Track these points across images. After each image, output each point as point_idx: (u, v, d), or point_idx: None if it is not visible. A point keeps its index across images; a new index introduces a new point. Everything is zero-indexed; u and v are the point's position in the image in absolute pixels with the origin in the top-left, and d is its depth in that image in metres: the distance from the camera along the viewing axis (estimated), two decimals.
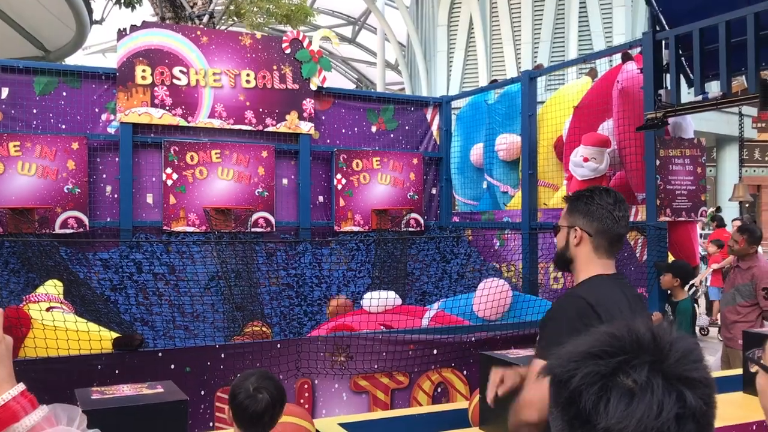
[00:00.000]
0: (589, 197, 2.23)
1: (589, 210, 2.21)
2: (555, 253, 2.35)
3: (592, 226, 2.19)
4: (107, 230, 5.79)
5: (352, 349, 4.09)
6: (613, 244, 2.22)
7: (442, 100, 7.36)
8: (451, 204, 7.30)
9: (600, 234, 2.19)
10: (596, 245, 2.20)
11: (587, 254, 2.21)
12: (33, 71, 5.68)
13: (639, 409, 0.83)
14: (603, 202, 2.20)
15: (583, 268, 2.22)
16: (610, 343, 0.92)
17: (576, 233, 2.21)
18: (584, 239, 2.20)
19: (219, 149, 6.10)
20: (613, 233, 2.20)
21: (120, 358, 3.59)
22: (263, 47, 6.37)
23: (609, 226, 2.19)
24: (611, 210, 2.19)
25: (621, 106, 5.15)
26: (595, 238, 2.19)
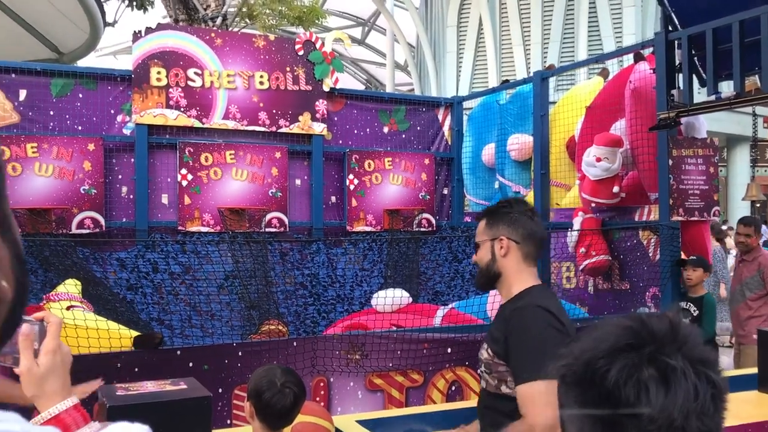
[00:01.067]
0: (506, 206, 2.25)
1: (511, 218, 2.20)
2: (479, 272, 2.29)
3: (518, 232, 2.18)
4: (123, 230, 5.85)
5: (367, 347, 4.13)
6: (539, 249, 2.24)
7: (454, 100, 7.40)
8: (462, 204, 7.33)
9: (527, 240, 2.18)
10: (525, 253, 2.18)
11: (517, 264, 2.18)
12: (50, 73, 5.75)
13: (679, 395, 0.87)
14: (521, 209, 2.23)
15: (516, 279, 2.18)
16: (635, 335, 0.95)
17: (502, 243, 2.18)
18: (512, 248, 2.18)
19: (233, 150, 6.15)
20: (538, 237, 2.21)
21: (139, 356, 3.64)
22: (276, 49, 6.42)
23: (534, 229, 2.20)
24: (530, 216, 2.21)
25: (633, 106, 5.17)
26: (523, 245, 2.18)
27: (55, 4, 10.25)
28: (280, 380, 2.29)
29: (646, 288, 5.12)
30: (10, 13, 10.16)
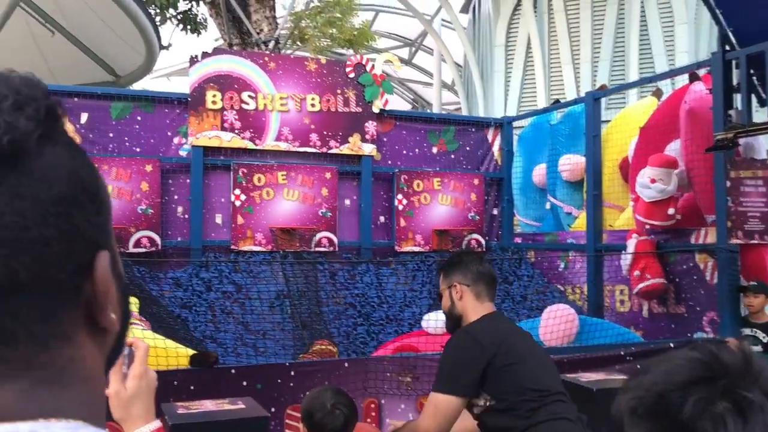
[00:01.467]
0: (456, 257, 2.66)
1: (461, 266, 2.56)
2: (446, 320, 2.65)
3: (467, 276, 2.51)
4: (178, 249, 5.99)
5: (419, 369, 4.12)
6: (489, 286, 2.55)
7: (504, 120, 7.38)
8: (512, 224, 7.27)
9: (477, 280, 2.51)
10: (477, 292, 2.51)
11: (472, 303, 2.51)
12: (110, 97, 5.95)
13: (757, 429, 0.85)
14: (468, 257, 2.60)
15: (472, 316, 2.49)
16: (707, 368, 0.93)
17: (456, 289, 2.52)
18: (465, 291, 2.51)
19: (285, 171, 6.25)
20: (486, 276, 2.53)
21: (195, 374, 3.70)
22: (328, 72, 6.52)
23: (481, 270, 2.53)
24: (479, 261, 2.57)
25: (689, 127, 5.08)
26: (474, 286, 2.51)
27: (113, 29, 10.60)
28: (330, 401, 2.33)
29: (703, 313, 5.00)
30: (71, 38, 10.56)
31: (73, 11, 10.45)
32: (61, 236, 0.57)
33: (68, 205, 0.58)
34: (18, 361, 0.55)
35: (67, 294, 0.58)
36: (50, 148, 0.58)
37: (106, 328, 0.62)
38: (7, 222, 0.54)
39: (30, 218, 0.55)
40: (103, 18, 10.27)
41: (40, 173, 0.56)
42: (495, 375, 2.37)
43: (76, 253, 0.58)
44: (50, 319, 0.57)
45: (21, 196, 0.55)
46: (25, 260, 0.55)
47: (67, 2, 10.24)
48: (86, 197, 0.60)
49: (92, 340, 0.62)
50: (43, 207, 0.56)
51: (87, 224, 0.60)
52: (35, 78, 0.61)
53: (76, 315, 0.60)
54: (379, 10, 23.61)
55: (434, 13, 22.19)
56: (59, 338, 0.58)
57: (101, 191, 0.63)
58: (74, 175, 0.59)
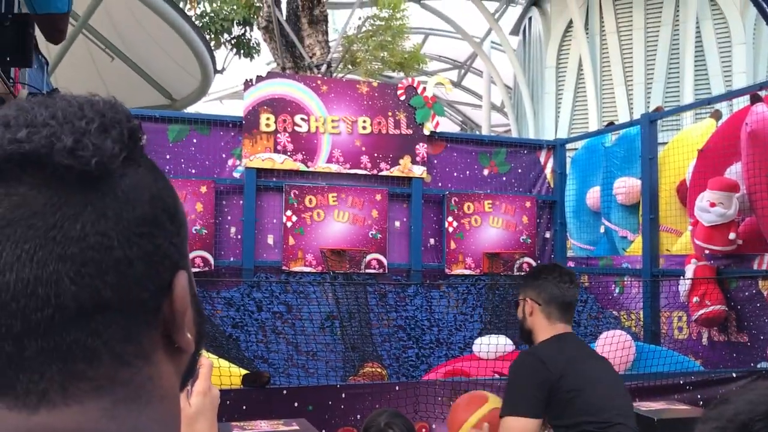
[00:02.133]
0: (535, 273, 2.69)
1: (536, 283, 2.57)
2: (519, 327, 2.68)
3: (541, 297, 2.52)
4: (230, 269, 6.07)
5: None
6: (563, 309, 2.53)
7: (557, 143, 7.30)
8: (565, 248, 7.16)
9: (550, 303, 2.51)
10: (547, 313, 2.51)
11: (540, 322, 2.52)
12: (167, 120, 6.11)
13: None
14: (548, 276, 2.57)
15: (540, 335, 2.51)
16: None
17: (527, 304, 2.55)
18: (535, 309, 2.53)
19: (336, 193, 6.30)
20: (560, 300, 2.51)
21: (247, 394, 3.73)
22: (379, 94, 6.57)
23: (556, 294, 2.51)
24: (556, 282, 2.53)
25: (750, 149, 4.93)
26: (544, 307, 2.51)
27: (170, 54, 10.92)
28: (384, 421, 2.37)
29: (767, 342, 4.81)
30: (129, 63, 10.90)
31: (132, 37, 10.81)
32: (144, 256, 0.58)
33: (151, 226, 0.59)
34: (101, 379, 0.56)
35: (147, 314, 0.59)
36: (133, 169, 0.59)
37: (182, 348, 0.63)
38: (92, 242, 0.55)
39: (114, 238, 0.56)
40: (160, 43, 10.59)
41: (125, 195, 0.57)
42: (555, 402, 2.34)
43: (157, 274, 0.59)
44: (132, 338, 0.58)
45: (106, 217, 0.56)
46: (109, 280, 0.55)
47: (125, 29, 10.60)
48: (167, 218, 0.61)
49: (169, 360, 0.62)
50: (128, 227, 0.57)
51: (168, 245, 0.60)
52: (118, 102, 0.62)
53: (155, 334, 0.60)
54: (428, 33, 23.77)
55: (484, 36, 22.23)
56: (139, 357, 0.59)
57: (180, 213, 0.64)
58: (156, 196, 0.60)
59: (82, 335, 0.55)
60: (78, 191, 0.55)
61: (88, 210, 0.55)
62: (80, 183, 0.55)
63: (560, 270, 2.64)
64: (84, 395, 0.55)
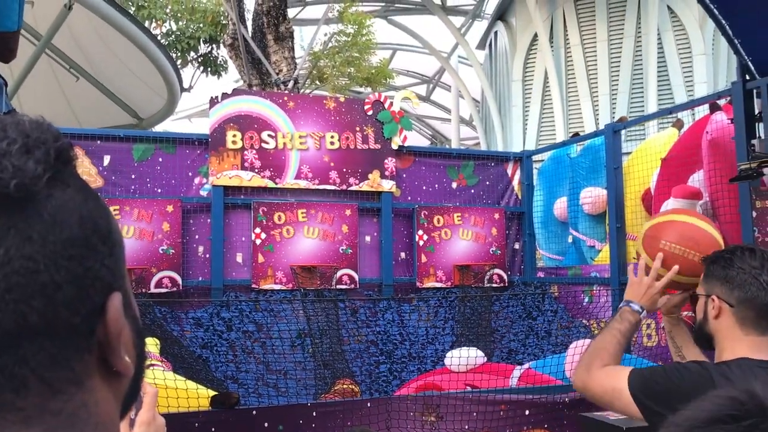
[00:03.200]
0: (728, 259, 1.90)
1: (728, 275, 1.87)
2: (695, 327, 2.04)
3: (733, 294, 1.85)
4: (199, 289, 5.99)
5: (442, 408, 4.05)
6: (763, 316, 1.83)
7: (523, 154, 7.37)
8: (534, 259, 7.21)
9: (744, 304, 1.83)
10: (741, 318, 1.84)
11: (730, 329, 1.86)
12: (132, 139, 6.03)
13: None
14: (745, 266, 1.85)
15: (727, 346, 1.87)
16: (734, 407, 0.90)
17: (714, 304, 1.89)
18: (724, 311, 1.87)
19: (305, 209, 6.27)
20: (760, 303, 1.82)
21: (216, 415, 3.67)
22: (346, 110, 6.57)
23: (754, 294, 1.82)
24: (757, 275, 1.83)
25: (711, 158, 5.02)
26: (737, 310, 1.84)
27: (135, 73, 10.83)
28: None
29: None
30: (94, 83, 10.79)
31: (97, 56, 10.70)
32: (73, 279, 0.56)
33: (80, 248, 0.57)
34: (30, 409, 0.54)
35: (79, 338, 0.57)
36: (61, 190, 0.57)
37: (121, 372, 0.61)
38: (16, 267, 0.53)
39: (41, 262, 0.54)
40: (126, 62, 10.50)
41: (51, 216, 0.55)
42: None
43: (88, 296, 0.57)
44: (62, 364, 0.56)
45: (31, 240, 0.54)
46: (35, 305, 0.54)
47: (90, 48, 10.50)
48: (98, 239, 0.59)
49: (106, 385, 0.60)
50: (55, 250, 0.55)
51: (100, 266, 0.59)
52: (45, 121, 0.61)
53: (90, 359, 0.59)
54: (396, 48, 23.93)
55: (451, 50, 22.45)
56: (72, 383, 0.57)
57: (114, 233, 0.62)
58: (86, 217, 0.58)
59: (8, 363, 0.53)
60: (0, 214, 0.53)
61: (11, 233, 0.53)
62: (2, 206, 0.53)
63: (762, 255, 1.87)
64: (12, 426, 0.53)
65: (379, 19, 20.49)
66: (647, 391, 1.82)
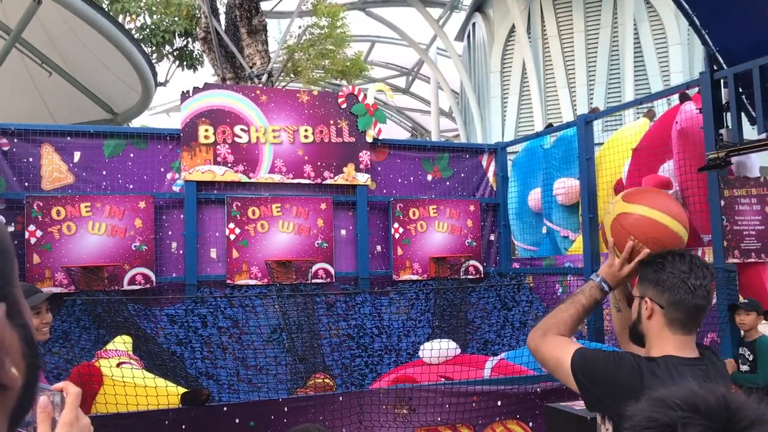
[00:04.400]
0: (660, 264, 2.00)
1: (659, 279, 1.97)
2: (630, 327, 2.13)
3: (664, 297, 1.96)
4: (173, 285, 5.95)
5: (415, 401, 4.05)
6: (690, 317, 1.95)
7: (498, 146, 7.38)
8: (510, 250, 7.23)
9: (673, 306, 1.94)
10: (670, 319, 1.95)
11: (659, 329, 1.98)
12: (102, 135, 5.96)
13: None
14: (675, 270, 1.95)
15: (655, 344, 2.00)
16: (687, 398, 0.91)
17: (646, 305, 1.99)
18: (656, 312, 1.97)
19: (279, 203, 6.24)
20: (688, 305, 1.93)
21: (186, 413, 3.64)
22: (320, 103, 6.54)
23: (682, 297, 1.93)
24: (685, 278, 1.94)
25: (681, 147, 5.07)
26: (667, 311, 1.95)
27: (109, 67, 10.68)
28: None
29: (704, 334, 4.92)
30: (67, 78, 10.63)
31: (70, 51, 10.55)
32: None
33: None
34: None
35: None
36: None
37: (6, 385, 0.59)
38: None
39: None
40: (99, 57, 10.35)
41: None
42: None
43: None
44: None
45: None
46: None
47: (62, 42, 10.34)
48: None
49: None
50: None
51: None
52: None
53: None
54: (374, 40, 23.84)
55: (429, 42, 22.41)
56: None
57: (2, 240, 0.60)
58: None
59: None
60: None
61: None
62: None
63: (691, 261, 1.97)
64: None
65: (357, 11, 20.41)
66: (585, 371, 1.96)
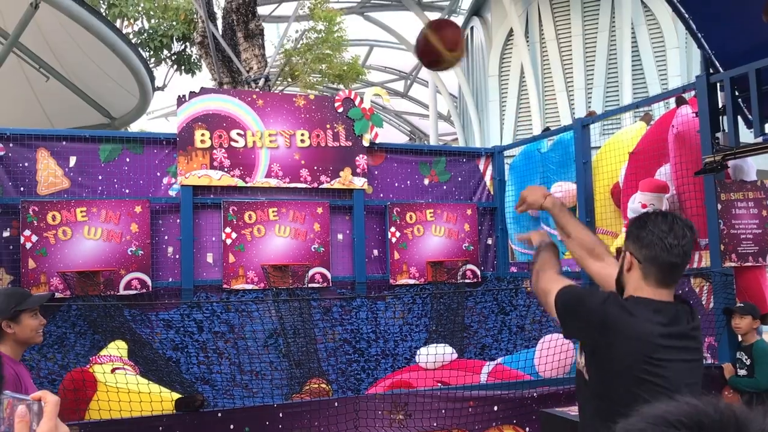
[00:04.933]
0: (642, 221, 2.16)
1: (639, 235, 2.13)
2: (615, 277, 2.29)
3: (641, 252, 2.11)
4: (169, 290, 5.92)
5: (410, 406, 4.03)
6: (665, 273, 2.10)
7: (494, 150, 7.37)
8: (507, 254, 7.21)
9: (649, 261, 2.09)
10: (645, 272, 2.11)
11: (637, 282, 2.14)
12: (98, 139, 5.95)
13: None
14: (656, 229, 2.10)
15: (633, 293, 2.15)
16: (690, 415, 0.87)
17: (627, 258, 2.16)
18: (634, 266, 2.14)
19: (276, 207, 6.22)
20: (663, 262, 2.08)
21: (181, 419, 3.62)
22: (317, 107, 6.53)
23: (657, 254, 2.08)
24: (663, 237, 2.08)
25: (677, 151, 5.05)
26: (644, 266, 2.11)
27: (107, 72, 10.68)
28: None
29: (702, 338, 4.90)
30: (65, 82, 10.63)
31: (67, 55, 10.55)
32: None
33: None
34: None
35: None
36: None
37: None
38: None
39: None
40: (96, 61, 10.35)
41: None
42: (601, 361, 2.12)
43: None
44: None
45: None
46: None
47: (60, 47, 10.34)
48: None
49: None
50: None
51: None
52: None
53: None
54: (372, 44, 23.87)
55: None
56: None
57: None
58: None
59: None
60: None
61: None
62: None
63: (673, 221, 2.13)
64: None
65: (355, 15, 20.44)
66: (565, 303, 2.19)
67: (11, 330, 2.91)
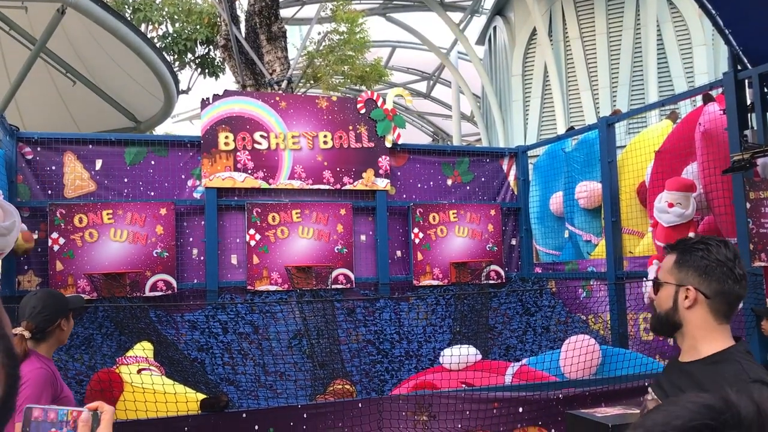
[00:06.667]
0: (705, 250, 1.88)
1: (706, 267, 1.86)
2: (655, 315, 1.99)
3: (711, 286, 1.85)
4: (194, 292, 5.97)
5: (435, 408, 4.01)
6: (733, 308, 1.88)
7: (518, 150, 7.32)
8: (532, 254, 7.16)
9: (720, 296, 1.85)
10: (715, 309, 1.86)
11: (704, 319, 1.87)
12: (124, 143, 6.02)
13: None
14: (722, 258, 1.86)
15: (703, 336, 1.87)
16: (716, 415, 0.85)
17: (688, 294, 1.87)
18: (699, 302, 1.87)
19: (299, 209, 6.24)
20: (733, 296, 1.86)
21: (206, 419, 3.64)
22: (339, 109, 6.54)
23: (730, 287, 1.85)
24: (732, 267, 1.85)
25: (705, 149, 4.97)
26: (713, 301, 1.85)
27: (132, 76, 10.81)
28: None
29: None
30: (91, 87, 10.77)
31: (93, 60, 10.69)
32: None
33: None
34: None
35: None
36: None
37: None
38: None
39: None
40: (122, 65, 10.48)
41: None
42: None
43: None
44: None
45: None
46: None
47: (86, 51, 10.49)
48: None
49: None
50: None
51: None
52: None
53: None
54: (395, 45, 23.86)
55: (450, 46, 22.37)
56: None
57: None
58: None
59: None
60: None
61: None
62: None
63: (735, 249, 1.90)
64: None
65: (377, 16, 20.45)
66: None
67: (65, 329, 2.98)
